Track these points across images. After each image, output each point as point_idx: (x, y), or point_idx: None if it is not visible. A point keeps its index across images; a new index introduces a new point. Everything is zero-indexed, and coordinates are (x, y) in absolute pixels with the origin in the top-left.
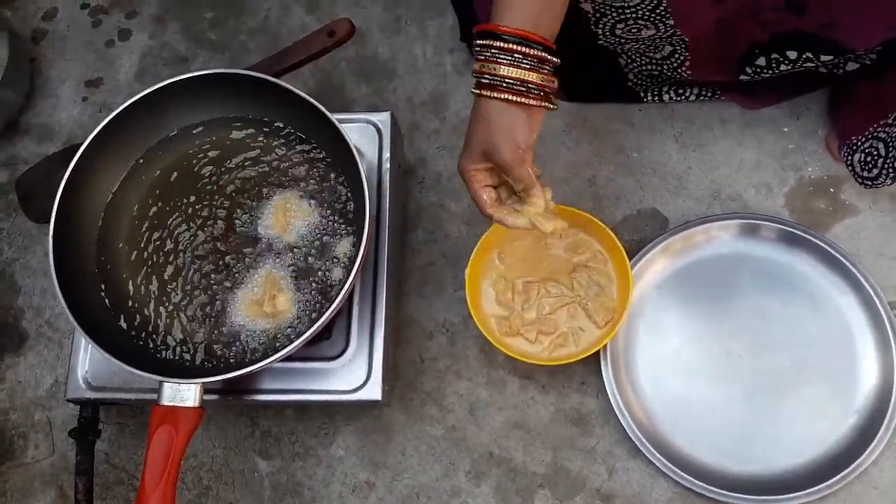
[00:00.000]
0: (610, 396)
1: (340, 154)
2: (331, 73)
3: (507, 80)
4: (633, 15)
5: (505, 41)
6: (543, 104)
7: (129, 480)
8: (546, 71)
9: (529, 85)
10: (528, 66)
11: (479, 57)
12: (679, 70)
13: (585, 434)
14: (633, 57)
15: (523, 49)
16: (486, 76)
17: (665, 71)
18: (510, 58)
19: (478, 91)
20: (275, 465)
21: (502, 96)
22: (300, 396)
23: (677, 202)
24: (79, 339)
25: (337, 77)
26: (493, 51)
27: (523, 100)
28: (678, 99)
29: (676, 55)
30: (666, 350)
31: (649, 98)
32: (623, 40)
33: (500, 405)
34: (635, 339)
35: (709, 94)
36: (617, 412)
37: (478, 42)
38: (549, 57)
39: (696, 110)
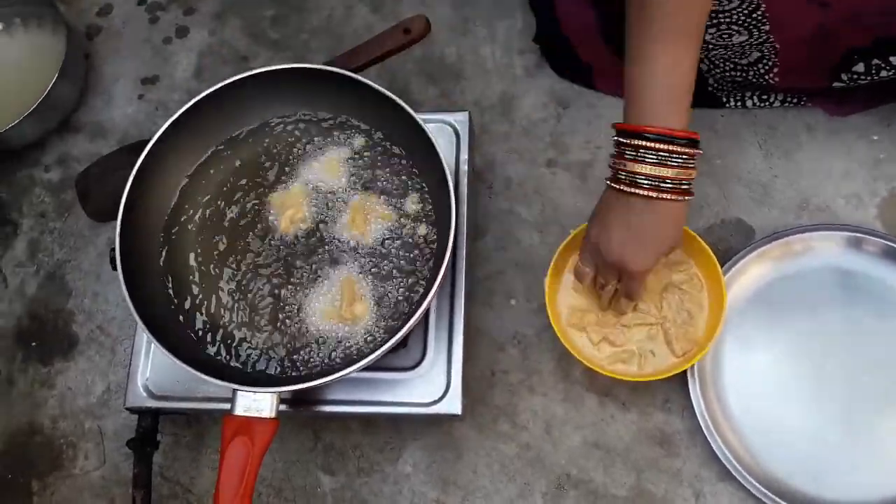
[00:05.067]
0: (698, 416)
1: (421, 155)
2: (396, 74)
3: (648, 178)
4: (727, 20)
5: (649, 140)
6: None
7: (184, 495)
8: (692, 165)
9: (671, 181)
10: (675, 164)
11: (625, 156)
12: (766, 76)
13: (670, 455)
14: (717, 63)
15: (669, 147)
16: (623, 173)
17: (750, 77)
18: (656, 156)
19: (620, 188)
20: (338, 480)
21: (648, 194)
22: (373, 408)
23: (763, 212)
24: (139, 343)
25: (402, 78)
26: (637, 150)
27: (669, 196)
28: (762, 105)
29: (764, 61)
30: (756, 367)
31: (731, 103)
32: (710, 46)
33: (577, 423)
34: (723, 356)
35: (794, 101)
36: (705, 432)
37: (619, 139)
38: (695, 151)
39: (780, 116)
